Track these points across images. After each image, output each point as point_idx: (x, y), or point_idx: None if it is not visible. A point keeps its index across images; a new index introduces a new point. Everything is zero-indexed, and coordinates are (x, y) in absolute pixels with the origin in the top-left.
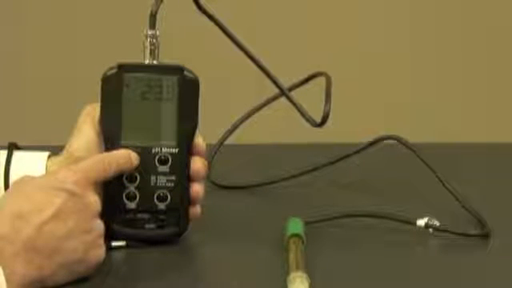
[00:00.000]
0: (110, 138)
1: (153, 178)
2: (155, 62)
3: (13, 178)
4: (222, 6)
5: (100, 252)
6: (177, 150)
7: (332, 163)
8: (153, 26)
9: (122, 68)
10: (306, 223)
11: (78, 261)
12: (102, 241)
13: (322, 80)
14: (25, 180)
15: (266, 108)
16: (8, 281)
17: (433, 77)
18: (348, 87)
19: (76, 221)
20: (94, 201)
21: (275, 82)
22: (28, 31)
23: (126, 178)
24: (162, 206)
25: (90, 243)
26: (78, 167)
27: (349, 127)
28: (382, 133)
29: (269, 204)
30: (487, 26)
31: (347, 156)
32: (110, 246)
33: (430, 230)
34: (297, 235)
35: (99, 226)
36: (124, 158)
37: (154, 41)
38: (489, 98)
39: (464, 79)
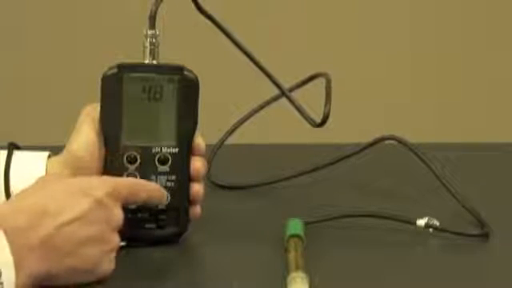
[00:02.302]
0: (110, 138)
1: (153, 177)
2: (155, 62)
3: (13, 177)
4: (222, 6)
5: (110, 266)
6: (177, 150)
7: (332, 163)
8: (152, 25)
9: (122, 68)
10: (306, 223)
11: (88, 270)
12: (114, 256)
13: (322, 80)
14: (52, 179)
15: (266, 108)
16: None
17: (433, 77)
18: (348, 88)
19: (98, 229)
20: (119, 214)
21: (275, 83)
22: (28, 31)
23: None
24: (162, 205)
25: (103, 255)
26: (113, 180)
27: (349, 127)
28: (382, 133)
29: (269, 204)
30: (487, 26)
31: (347, 156)
32: None
33: (430, 229)
34: (297, 235)
35: (116, 240)
36: (155, 191)
37: (154, 41)
38: (489, 97)
39: (464, 79)
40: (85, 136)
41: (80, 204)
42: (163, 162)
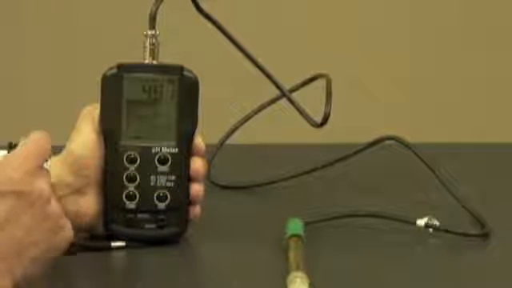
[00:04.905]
0: (109, 138)
1: (153, 177)
2: (155, 62)
3: None
4: (222, 6)
5: (66, 233)
6: (177, 150)
7: (332, 163)
8: (153, 26)
9: (122, 68)
10: (306, 223)
11: (47, 250)
12: (63, 221)
13: (322, 80)
14: None
15: (266, 108)
16: None
17: (433, 77)
18: (348, 88)
19: (30, 215)
20: (42, 189)
21: (276, 84)
22: (28, 31)
23: (126, 178)
24: (161, 205)
25: (52, 229)
26: (16, 163)
27: (349, 127)
28: (382, 133)
29: (269, 204)
30: (487, 26)
31: (347, 156)
32: (110, 246)
33: (430, 229)
34: (297, 235)
35: (55, 209)
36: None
37: (154, 41)
38: (489, 98)
39: (464, 79)
40: (85, 136)
41: (4, 201)
42: (163, 162)
